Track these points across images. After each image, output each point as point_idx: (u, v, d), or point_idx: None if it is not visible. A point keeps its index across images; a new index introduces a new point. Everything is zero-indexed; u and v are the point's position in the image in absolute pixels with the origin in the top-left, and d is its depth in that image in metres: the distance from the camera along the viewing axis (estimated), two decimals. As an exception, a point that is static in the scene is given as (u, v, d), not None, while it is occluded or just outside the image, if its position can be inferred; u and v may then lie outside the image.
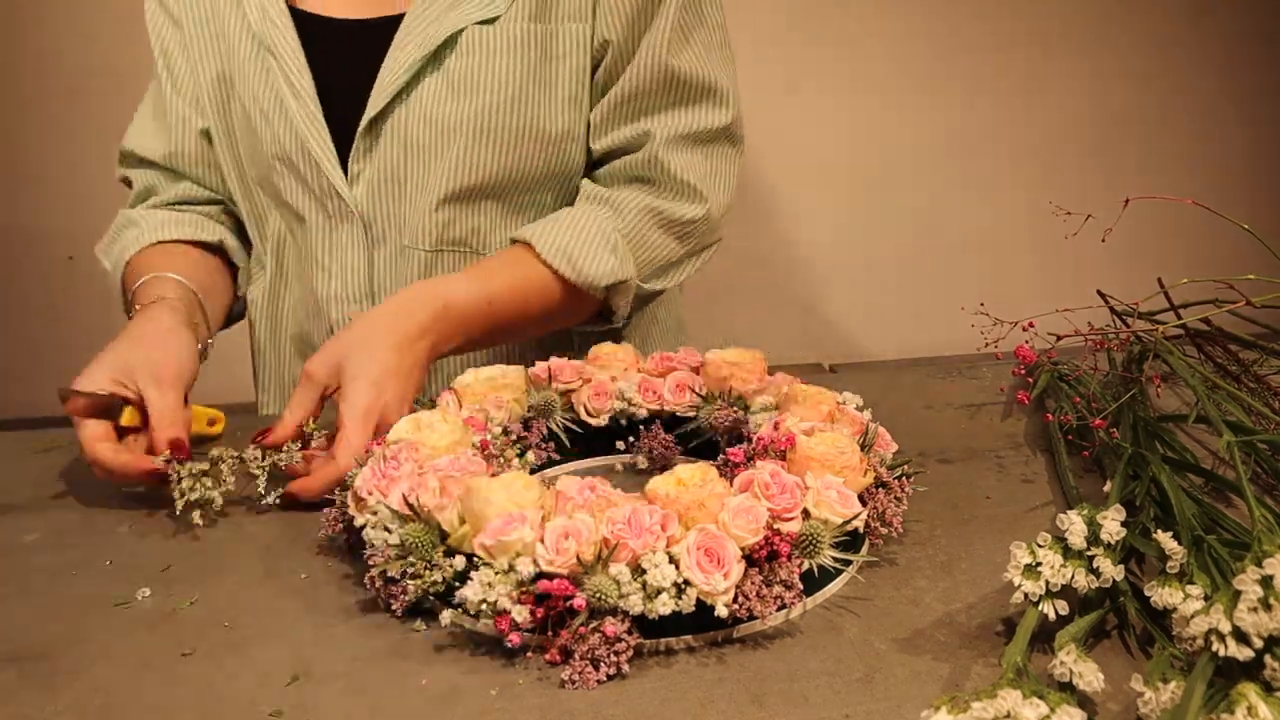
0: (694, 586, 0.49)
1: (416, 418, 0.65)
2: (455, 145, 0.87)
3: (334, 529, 0.63)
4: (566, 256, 0.85)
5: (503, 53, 0.86)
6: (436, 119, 0.87)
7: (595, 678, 0.49)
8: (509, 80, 0.86)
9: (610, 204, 0.90)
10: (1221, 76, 2.27)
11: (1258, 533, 0.44)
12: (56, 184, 2.27)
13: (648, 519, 0.51)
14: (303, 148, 0.89)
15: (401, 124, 0.87)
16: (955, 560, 0.60)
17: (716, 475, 0.55)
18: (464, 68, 0.86)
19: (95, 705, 0.50)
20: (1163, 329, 0.77)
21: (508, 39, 0.85)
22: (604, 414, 0.75)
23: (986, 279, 2.25)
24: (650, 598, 0.49)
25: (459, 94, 0.86)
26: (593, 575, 0.50)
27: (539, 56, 0.86)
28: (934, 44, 2.15)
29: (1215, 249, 2.07)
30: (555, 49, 0.87)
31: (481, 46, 0.85)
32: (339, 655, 0.53)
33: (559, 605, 0.49)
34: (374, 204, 0.90)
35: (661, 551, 0.50)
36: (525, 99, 0.87)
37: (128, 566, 0.65)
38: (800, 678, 0.49)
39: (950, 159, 2.20)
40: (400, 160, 0.88)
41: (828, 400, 0.67)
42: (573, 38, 0.87)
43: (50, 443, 0.90)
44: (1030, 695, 0.41)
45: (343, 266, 0.92)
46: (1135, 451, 0.63)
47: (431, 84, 0.86)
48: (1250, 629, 0.40)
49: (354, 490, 0.60)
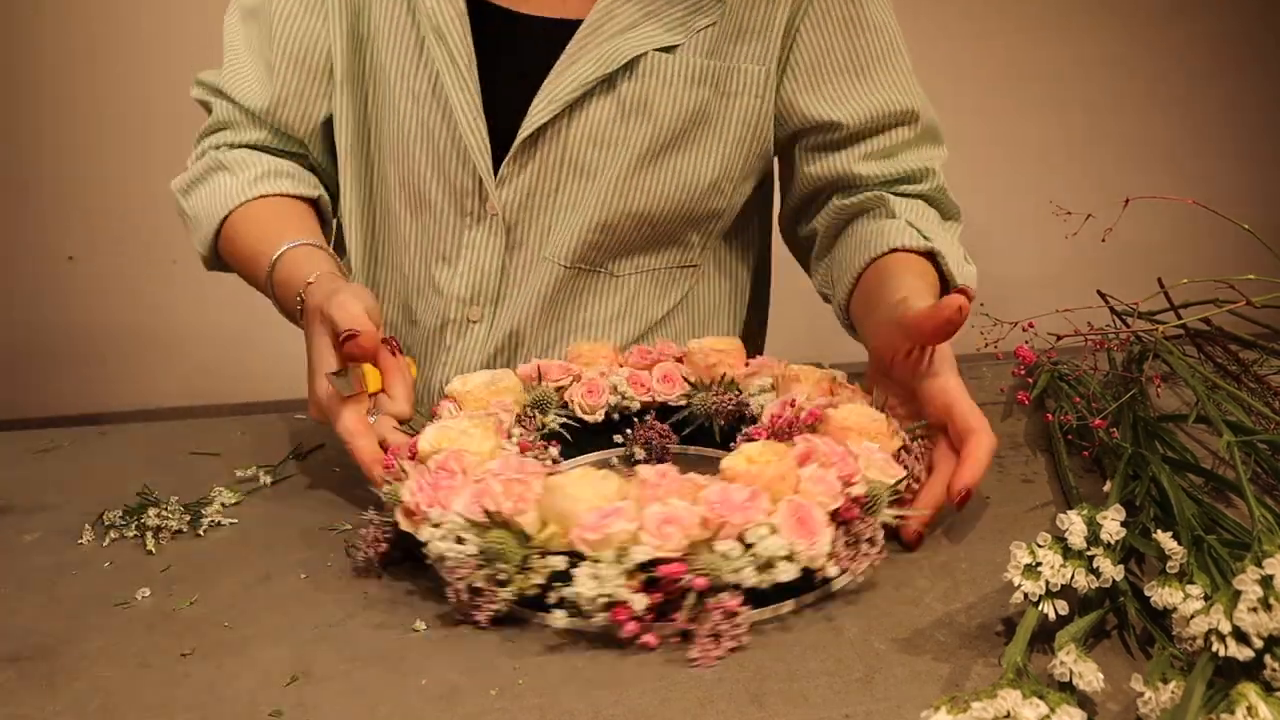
0: (799, 553, 0.52)
1: (445, 427, 0.64)
2: (616, 166, 0.85)
3: (376, 549, 0.61)
4: (960, 270, 0.81)
5: (677, 83, 0.84)
6: (603, 139, 0.84)
7: (717, 653, 0.50)
8: (680, 111, 0.84)
9: (932, 216, 0.88)
10: (1222, 77, 2.27)
11: (1258, 533, 0.44)
12: (56, 185, 2.27)
13: (739, 495, 0.52)
14: (458, 142, 0.85)
15: (563, 139, 0.84)
16: (955, 560, 0.60)
17: (785, 449, 0.57)
18: (637, 92, 0.83)
19: (95, 705, 0.50)
20: (1163, 329, 0.77)
21: (684, 69, 0.83)
22: (599, 410, 0.75)
23: (986, 279, 2.25)
24: (761, 569, 0.51)
25: (629, 117, 0.84)
26: (699, 555, 0.51)
27: (712, 92, 0.85)
28: (934, 44, 2.15)
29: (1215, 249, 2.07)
30: (729, 86, 0.85)
31: (657, 73, 0.83)
32: (339, 655, 0.53)
33: (672, 588, 0.51)
34: (521, 212, 0.87)
35: (764, 524, 0.52)
36: (693, 132, 0.86)
37: (128, 566, 0.65)
38: (800, 678, 0.49)
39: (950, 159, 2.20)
40: (556, 173, 0.86)
41: (826, 377, 0.71)
42: (749, 77, 0.86)
43: (50, 443, 0.90)
44: (1030, 695, 0.41)
45: (471, 266, 0.89)
46: (1135, 451, 0.63)
47: (601, 103, 0.84)
48: (1250, 629, 0.40)
49: (404, 505, 0.58)
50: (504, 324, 0.90)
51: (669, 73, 0.83)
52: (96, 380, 2.45)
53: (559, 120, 0.84)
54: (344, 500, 0.73)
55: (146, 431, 0.93)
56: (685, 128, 0.85)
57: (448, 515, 0.55)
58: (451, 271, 0.89)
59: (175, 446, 0.88)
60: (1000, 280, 2.30)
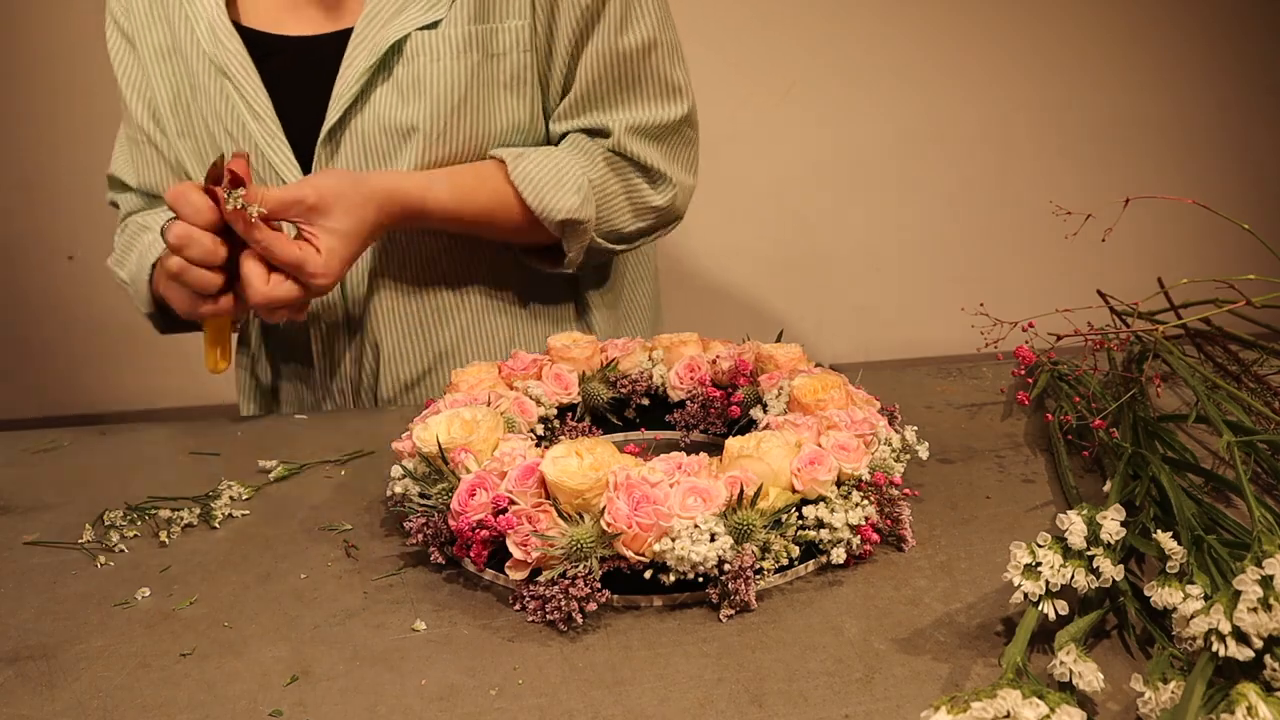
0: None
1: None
2: (410, 148, 0.91)
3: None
4: (534, 185, 0.92)
5: (446, 55, 0.90)
6: (390, 124, 0.91)
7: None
8: (455, 82, 0.90)
9: (588, 153, 0.96)
10: (1222, 76, 2.27)
11: (1258, 533, 0.44)
12: (56, 184, 2.27)
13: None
14: (267, 164, 0.93)
15: (359, 132, 0.91)
16: (955, 560, 0.60)
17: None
18: (411, 73, 0.90)
19: (95, 705, 0.50)
20: (1163, 329, 0.77)
21: (450, 42, 0.90)
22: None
23: (986, 279, 2.25)
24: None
25: (408, 99, 0.90)
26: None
27: (481, 56, 0.91)
28: (934, 45, 2.15)
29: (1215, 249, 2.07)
30: (496, 47, 0.91)
31: (426, 51, 0.90)
32: (339, 655, 0.53)
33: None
34: None
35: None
36: (471, 98, 0.91)
37: (128, 566, 0.65)
38: (800, 678, 0.49)
39: (950, 159, 2.20)
40: (359, 164, 0.93)
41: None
42: (513, 35, 0.92)
43: (50, 443, 0.90)
44: (1030, 695, 0.41)
45: None
46: (1135, 451, 0.63)
47: (383, 91, 0.91)
48: (1250, 629, 0.40)
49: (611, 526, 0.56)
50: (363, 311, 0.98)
51: (437, 48, 0.90)
52: (96, 380, 2.45)
53: (352, 117, 0.91)
54: (344, 500, 0.73)
55: (146, 431, 0.93)
56: (464, 95, 0.91)
57: (696, 518, 0.55)
58: None
59: (175, 446, 0.88)
60: (1000, 280, 2.30)
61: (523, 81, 0.94)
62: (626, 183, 0.98)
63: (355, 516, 0.70)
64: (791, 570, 0.58)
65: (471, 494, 0.58)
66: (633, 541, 0.54)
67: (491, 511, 0.57)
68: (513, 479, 0.58)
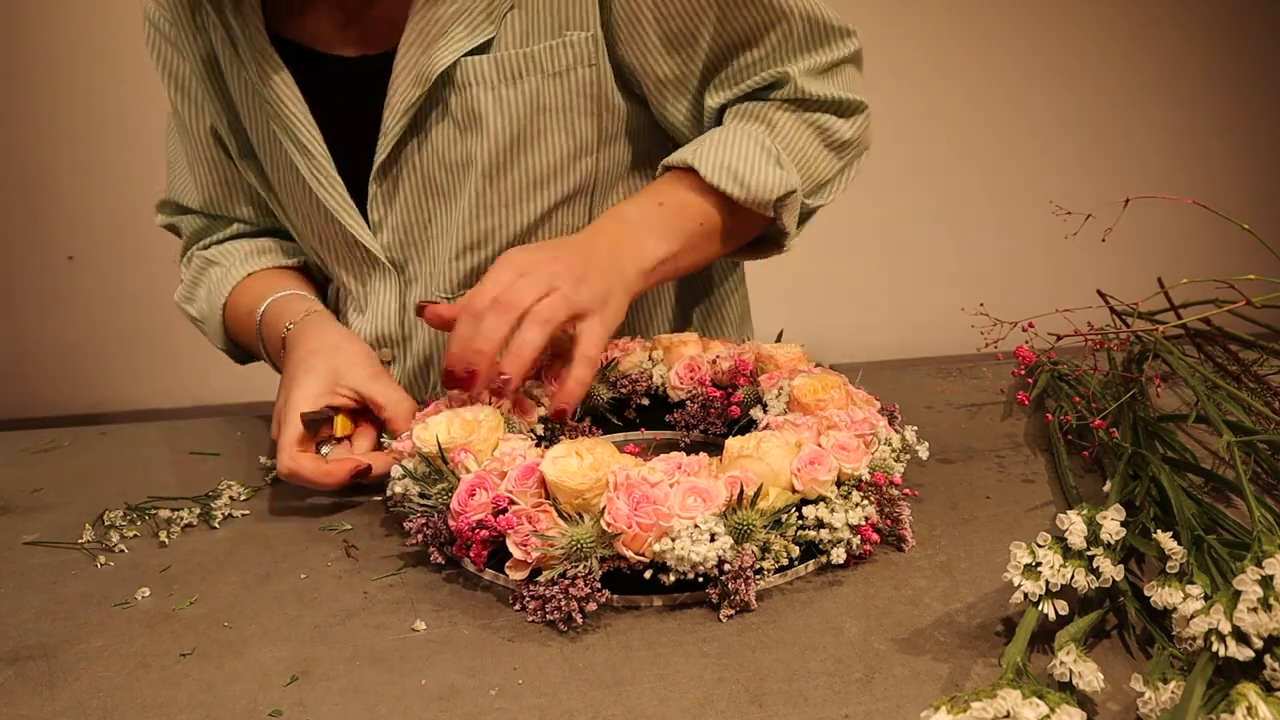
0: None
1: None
2: (470, 184, 0.83)
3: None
4: (732, 174, 0.79)
5: (500, 82, 0.81)
6: (449, 161, 0.83)
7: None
8: (514, 113, 0.81)
9: (763, 119, 0.84)
10: (1222, 77, 2.27)
11: (1258, 533, 0.44)
12: (56, 184, 2.27)
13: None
14: (319, 205, 0.86)
15: (417, 168, 0.84)
16: (955, 560, 0.60)
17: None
18: (466, 103, 0.81)
19: (95, 705, 0.50)
20: (1163, 329, 0.77)
21: (503, 67, 0.80)
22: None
23: (986, 279, 2.25)
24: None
25: (466, 133, 0.82)
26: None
27: (540, 78, 0.81)
28: (934, 45, 2.15)
29: (1215, 249, 2.07)
30: (557, 64, 0.81)
31: (478, 79, 0.80)
32: (338, 655, 0.53)
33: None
34: (404, 250, 0.87)
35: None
36: (533, 125, 0.82)
37: (127, 566, 0.65)
38: (800, 678, 0.49)
39: (950, 160, 2.20)
40: (421, 202, 0.85)
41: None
42: (575, 49, 0.81)
43: (50, 443, 0.90)
44: (1030, 695, 0.41)
45: (375, 313, 0.90)
46: (1135, 451, 0.63)
47: (439, 124, 0.82)
48: (1250, 629, 0.40)
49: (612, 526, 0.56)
50: (415, 361, 0.90)
51: (488, 75, 0.80)
52: (96, 380, 2.45)
53: (405, 148, 0.83)
54: (344, 500, 0.73)
55: (146, 431, 0.93)
56: (523, 125, 0.82)
57: (696, 518, 0.55)
58: (362, 319, 0.91)
59: (175, 446, 0.88)
60: (1000, 280, 2.30)
61: (590, 99, 0.83)
62: (815, 127, 0.86)
63: (355, 516, 0.70)
64: (791, 570, 0.58)
65: (471, 494, 0.58)
66: (633, 541, 0.54)
67: (491, 511, 0.57)
68: (513, 479, 0.58)
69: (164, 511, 0.71)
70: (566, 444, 0.59)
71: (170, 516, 0.70)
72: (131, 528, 0.70)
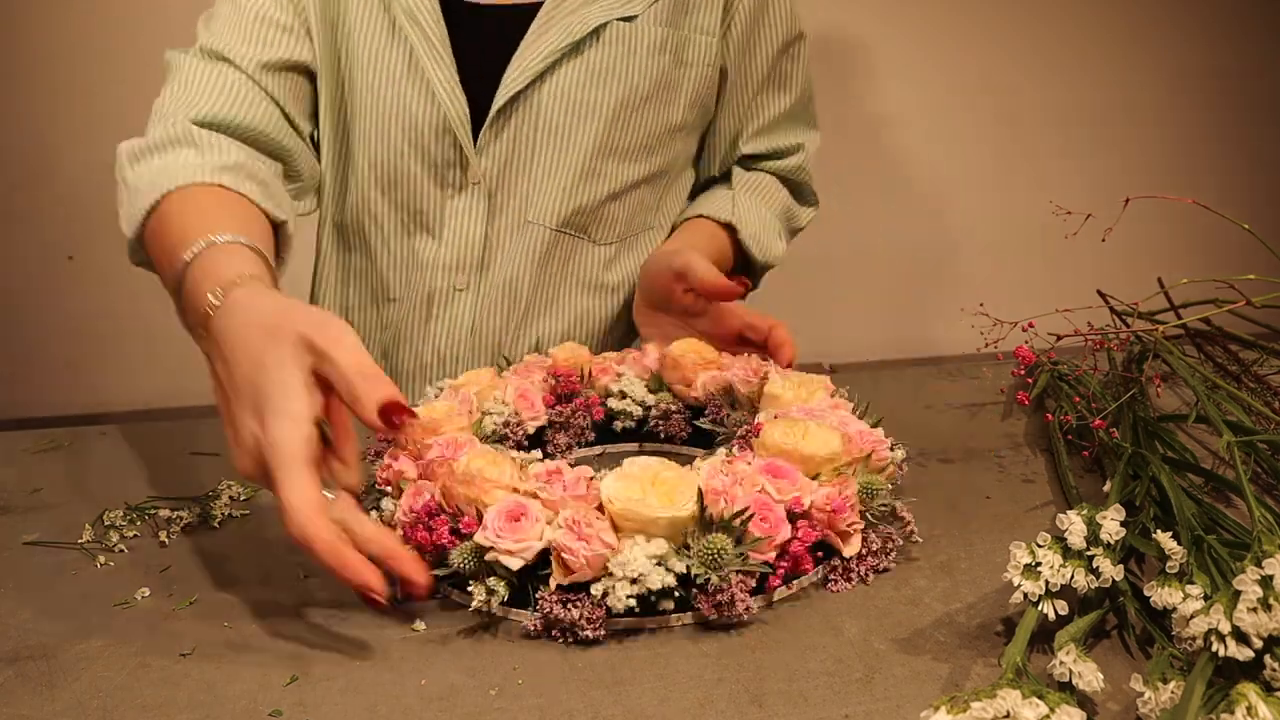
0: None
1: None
2: (591, 129, 0.91)
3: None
4: (758, 243, 0.98)
5: (641, 49, 0.90)
6: (576, 102, 0.90)
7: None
8: (645, 75, 0.91)
9: (764, 194, 1.03)
10: (1223, 77, 2.27)
11: (1258, 533, 0.44)
12: (56, 184, 2.27)
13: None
14: (437, 116, 0.89)
15: (537, 104, 0.89)
16: (955, 560, 0.60)
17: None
18: (605, 58, 0.89)
19: (95, 705, 0.50)
20: (1163, 329, 0.77)
21: (646, 38, 0.90)
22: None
23: (986, 279, 2.25)
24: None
25: (599, 82, 0.90)
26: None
27: (671, 60, 0.92)
28: (934, 45, 2.15)
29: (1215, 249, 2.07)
30: (685, 55, 0.93)
31: (622, 40, 0.90)
32: (338, 655, 0.53)
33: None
34: (501, 178, 0.91)
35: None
36: (658, 95, 0.92)
37: (127, 566, 0.65)
38: (800, 678, 0.49)
39: (950, 160, 2.20)
40: (532, 138, 0.91)
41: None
42: (702, 48, 0.94)
43: (50, 443, 0.90)
44: (1030, 695, 0.41)
45: (456, 234, 0.92)
46: (1135, 451, 0.63)
47: (571, 70, 0.89)
48: (1250, 629, 0.40)
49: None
50: (493, 289, 0.93)
51: (633, 40, 0.90)
52: (96, 380, 2.45)
53: (532, 88, 0.89)
54: (344, 500, 0.73)
55: (146, 431, 0.93)
56: (651, 92, 0.92)
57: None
58: (436, 243, 0.93)
59: (175, 446, 0.88)
60: (1000, 280, 2.30)
61: (699, 94, 0.96)
62: (790, 214, 1.07)
63: (355, 516, 0.69)
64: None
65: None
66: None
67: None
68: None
69: (164, 511, 0.71)
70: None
71: (170, 516, 0.70)
72: (131, 528, 0.70)
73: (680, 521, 0.54)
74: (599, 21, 0.88)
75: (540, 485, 0.56)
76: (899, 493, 0.63)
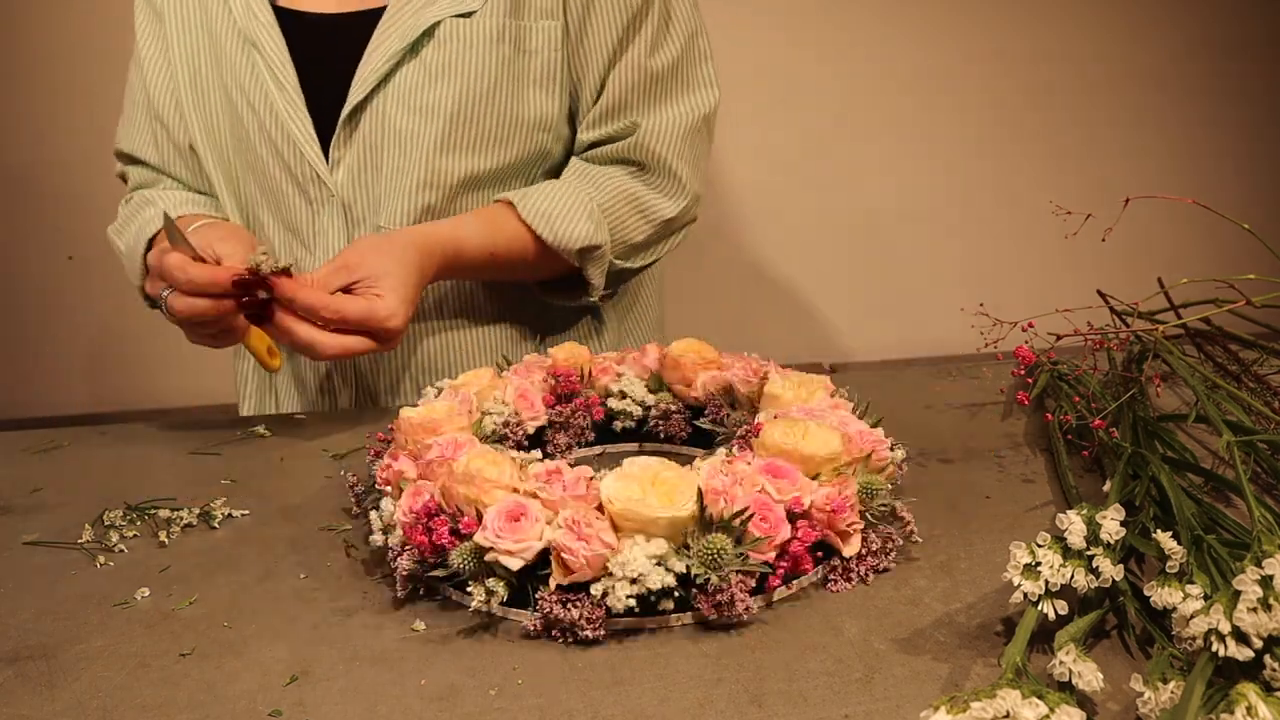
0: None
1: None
2: (432, 129, 0.92)
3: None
4: (545, 219, 0.93)
5: (478, 44, 0.91)
6: (415, 104, 0.92)
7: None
8: (484, 70, 0.92)
9: (592, 180, 0.97)
10: (1223, 76, 2.27)
11: (1258, 533, 0.44)
12: (56, 184, 2.27)
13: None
14: (287, 136, 0.94)
15: (381, 111, 0.92)
16: (955, 560, 0.60)
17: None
18: (441, 57, 0.91)
19: (95, 705, 0.50)
20: (1163, 329, 0.77)
21: (483, 32, 0.91)
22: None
23: (986, 279, 2.25)
24: None
25: (436, 81, 0.92)
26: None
27: (512, 50, 0.93)
28: (932, 45, 2.15)
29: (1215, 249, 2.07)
30: (528, 44, 0.93)
31: (458, 38, 0.91)
32: (338, 655, 0.53)
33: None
34: (354, 188, 0.95)
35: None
36: (499, 89, 0.93)
37: (127, 566, 0.65)
38: (800, 678, 0.49)
39: (950, 160, 2.20)
40: (379, 145, 0.93)
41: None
42: (545, 34, 0.93)
43: (50, 442, 0.90)
44: (1029, 695, 0.41)
45: (324, 248, 0.97)
46: (1135, 451, 0.63)
47: (410, 72, 0.92)
48: (1250, 629, 0.40)
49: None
50: None
51: (469, 36, 0.91)
52: (97, 380, 2.45)
53: (375, 95, 0.92)
54: (344, 500, 0.73)
55: (146, 431, 0.93)
56: (493, 84, 0.92)
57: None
58: (311, 257, 0.98)
59: (175, 446, 0.88)
60: (1000, 280, 2.30)
61: (552, 80, 0.95)
62: (636, 198, 0.98)
63: (355, 516, 0.70)
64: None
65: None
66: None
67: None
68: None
69: (164, 511, 0.71)
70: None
71: (170, 516, 0.70)
72: (131, 528, 0.70)
73: (680, 521, 0.54)
74: (433, 20, 0.90)
75: (540, 485, 0.56)
76: (899, 493, 0.63)
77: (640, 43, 0.96)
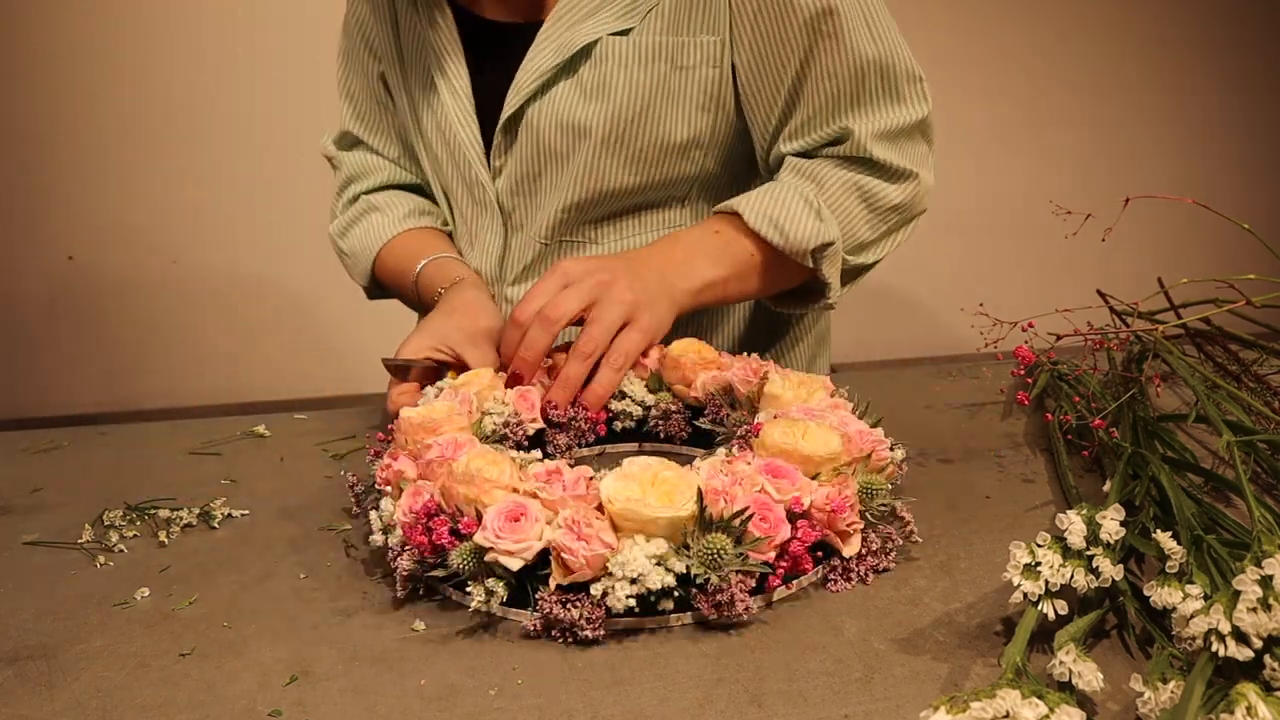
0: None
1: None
2: (585, 149, 0.90)
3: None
4: (772, 222, 0.86)
5: (633, 63, 0.88)
6: (567, 122, 0.90)
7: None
8: (639, 89, 0.89)
9: (812, 176, 0.90)
10: (1222, 77, 2.27)
11: (1257, 533, 0.44)
12: (56, 184, 2.27)
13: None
14: (456, 140, 0.95)
15: (534, 125, 0.92)
16: (955, 560, 0.60)
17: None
18: (596, 76, 0.89)
19: (95, 705, 0.50)
20: (1163, 329, 0.77)
21: (639, 49, 0.88)
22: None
23: (986, 279, 2.25)
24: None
25: (589, 99, 0.89)
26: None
27: (669, 67, 0.89)
28: (933, 44, 2.15)
29: (1215, 249, 2.07)
30: (685, 59, 0.89)
31: (614, 56, 0.89)
32: (338, 655, 0.53)
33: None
34: (514, 197, 0.96)
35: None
36: (653, 108, 0.89)
37: (127, 566, 0.65)
38: (800, 678, 0.49)
39: (950, 160, 2.20)
40: (534, 159, 0.93)
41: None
42: (704, 49, 0.89)
43: (50, 443, 0.90)
44: (1029, 695, 0.41)
45: (482, 247, 0.98)
46: (1135, 451, 0.63)
47: (564, 89, 0.90)
48: (1250, 629, 0.40)
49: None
50: (508, 306, 0.98)
51: (625, 54, 0.88)
52: (97, 380, 2.45)
53: (529, 109, 0.91)
54: (344, 500, 0.73)
55: (146, 431, 0.93)
56: (645, 104, 0.89)
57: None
58: (470, 251, 1.00)
59: (175, 446, 0.88)
60: (1000, 280, 2.30)
61: (709, 96, 0.90)
62: (860, 189, 0.90)
63: (355, 516, 0.70)
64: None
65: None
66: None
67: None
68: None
69: (164, 511, 0.71)
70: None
71: (170, 516, 0.70)
72: (131, 528, 0.70)
73: (680, 521, 0.54)
74: (590, 38, 0.88)
75: (540, 485, 0.56)
76: (899, 493, 0.63)
77: (832, 49, 0.87)
